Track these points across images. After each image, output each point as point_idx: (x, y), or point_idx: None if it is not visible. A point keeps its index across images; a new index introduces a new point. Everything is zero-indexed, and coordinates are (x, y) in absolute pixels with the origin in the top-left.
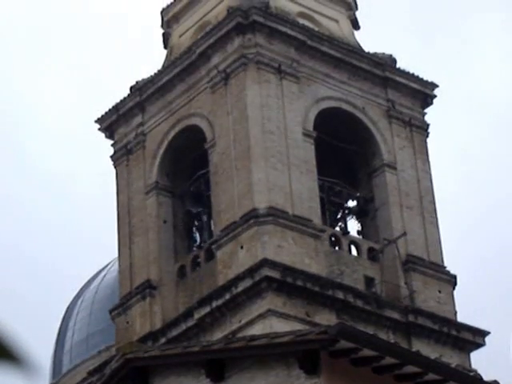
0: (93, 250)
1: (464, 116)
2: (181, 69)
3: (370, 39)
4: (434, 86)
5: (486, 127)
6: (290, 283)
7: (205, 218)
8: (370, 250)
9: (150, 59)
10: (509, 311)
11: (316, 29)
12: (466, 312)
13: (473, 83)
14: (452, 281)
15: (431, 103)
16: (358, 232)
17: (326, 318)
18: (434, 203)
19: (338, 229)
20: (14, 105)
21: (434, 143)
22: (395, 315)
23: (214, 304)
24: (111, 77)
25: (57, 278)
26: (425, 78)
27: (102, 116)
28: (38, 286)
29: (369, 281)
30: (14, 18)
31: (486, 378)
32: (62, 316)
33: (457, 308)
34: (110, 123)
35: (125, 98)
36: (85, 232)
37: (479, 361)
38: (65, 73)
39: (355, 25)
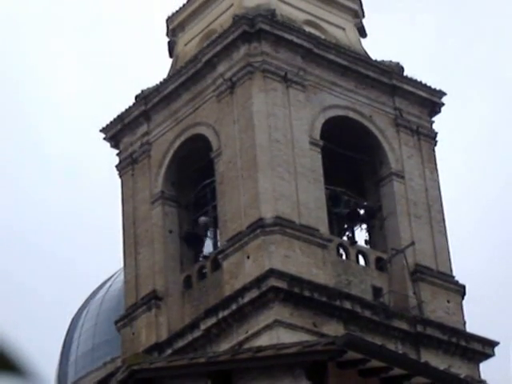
0: (98, 260)
1: (473, 124)
2: (186, 77)
3: (377, 47)
4: (441, 93)
5: (495, 136)
6: (297, 293)
7: (211, 227)
8: (378, 259)
9: (155, 68)
10: None
11: (322, 37)
12: (475, 322)
13: (481, 92)
14: (461, 291)
15: (439, 111)
16: (366, 241)
17: (334, 329)
18: (443, 212)
19: (345, 238)
20: (16, 115)
21: (443, 152)
22: (403, 325)
23: (221, 315)
24: (116, 86)
25: (62, 289)
26: (433, 86)
27: (107, 125)
28: (42, 297)
29: (377, 291)
30: (19, 32)
31: None
32: (67, 327)
33: (466, 318)
34: (115, 132)
35: (130, 107)
36: (89, 242)
37: (488, 371)
38: (69, 82)
39: (362, 32)
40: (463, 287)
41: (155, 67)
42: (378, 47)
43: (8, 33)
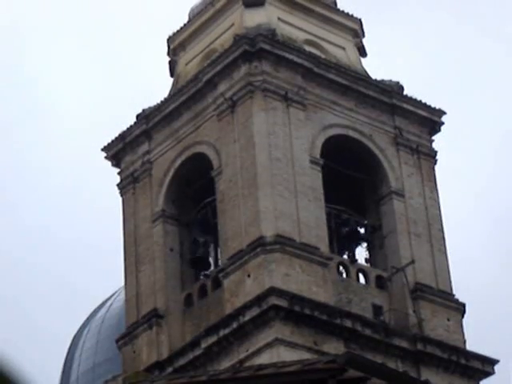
0: (99, 278)
1: (472, 143)
2: (187, 96)
3: (377, 66)
4: (441, 113)
5: (494, 154)
6: (298, 312)
7: (212, 246)
8: (378, 278)
9: (156, 87)
10: None
11: (323, 56)
12: (475, 340)
13: (480, 110)
14: (461, 309)
15: (439, 130)
16: (366, 260)
17: (334, 347)
18: (443, 231)
19: (345, 257)
20: (16, 134)
21: (442, 170)
22: (404, 344)
23: (221, 333)
24: (117, 105)
25: (63, 307)
26: (432, 105)
27: (109, 144)
28: (44, 316)
29: (377, 309)
30: (22, 51)
31: None
32: (68, 346)
33: (466, 336)
34: (116, 151)
35: (131, 126)
36: (90, 261)
37: None
38: (71, 101)
39: (362, 52)
40: (463, 305)
41: (156, 86)
42: (377, 67)
43: (11, 51)
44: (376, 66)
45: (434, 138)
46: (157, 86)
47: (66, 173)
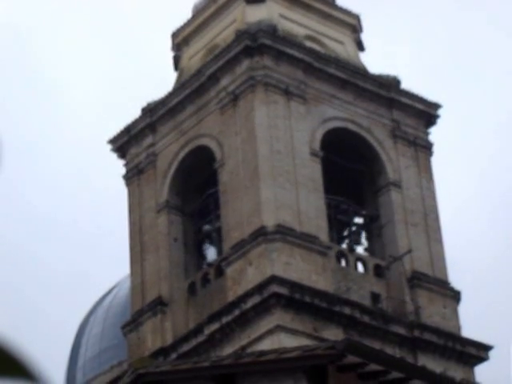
0: (105, 267)
1: (468, 135)
2: (191, 90)
3: (375, 61)
4: (437, 106)
5: (490, 146)
6: (298, 299)
7: (214, 235)
8: (377, 266)
9: (160, 81)
10: None
11: (322, 51)
12: (471, 326)
13: (476, 102)
14: (456, 296)
15: (435, 123)
16: (365, 249)
17: (334, 334)
18: (439, 221)
19: (344, 246)
20: (23, 127)
21: (439, 162)
22: (401, 330)
23: (224, 320)
24: (123, 99)
25: (70, 295)
26: (429, 99)
27: (115, 137)
28: (51, 303)
29: (375, 297)
30: (31, 43)
31: None
32: (75, 332)
33: (461, 323)
34: (121, 144)
35: (136, 120)
36: (97, 250)
37: (483, 375)
38: (78, 95)
39: (360, 47)
40: (459, 293)
41: (161, 81)
42: (375, 61)
43: (19, 42)
44: (374, 61)
45: (430, 130)
46: (161, 80)
47: (73, 165)
